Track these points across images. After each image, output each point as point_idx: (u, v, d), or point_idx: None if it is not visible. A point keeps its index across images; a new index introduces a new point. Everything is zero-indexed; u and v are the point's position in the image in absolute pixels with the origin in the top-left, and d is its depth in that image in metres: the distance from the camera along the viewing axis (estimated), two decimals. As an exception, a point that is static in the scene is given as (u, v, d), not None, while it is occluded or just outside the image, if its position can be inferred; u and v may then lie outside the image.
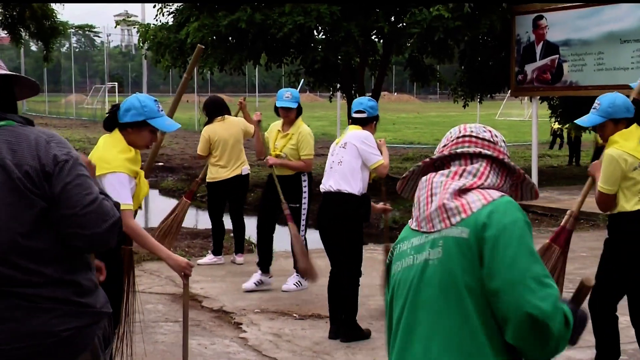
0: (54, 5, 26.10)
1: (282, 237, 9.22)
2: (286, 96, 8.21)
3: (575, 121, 6.20)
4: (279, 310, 7.59)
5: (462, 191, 2.56)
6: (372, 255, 9.07)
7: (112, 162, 4.77)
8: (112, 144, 4.89)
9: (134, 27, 22.08)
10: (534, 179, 15.50)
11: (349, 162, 6.66)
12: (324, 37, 16.40)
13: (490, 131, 2.75)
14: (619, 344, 5.52)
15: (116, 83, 66.91)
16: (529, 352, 2.42)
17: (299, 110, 8.35)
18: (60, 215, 2.87)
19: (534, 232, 12.48)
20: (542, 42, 15.06)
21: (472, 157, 2.65)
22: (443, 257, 2.49)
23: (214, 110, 9.61)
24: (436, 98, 79.55)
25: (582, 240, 10.69)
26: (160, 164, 23.86)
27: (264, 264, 8.42)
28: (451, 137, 2.74)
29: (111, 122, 4.95)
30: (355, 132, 6.79)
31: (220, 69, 17.74)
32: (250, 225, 9.75)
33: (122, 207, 3.49)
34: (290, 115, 8.29)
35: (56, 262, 2.89)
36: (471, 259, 2.45)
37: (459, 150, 2.66)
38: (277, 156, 8.28)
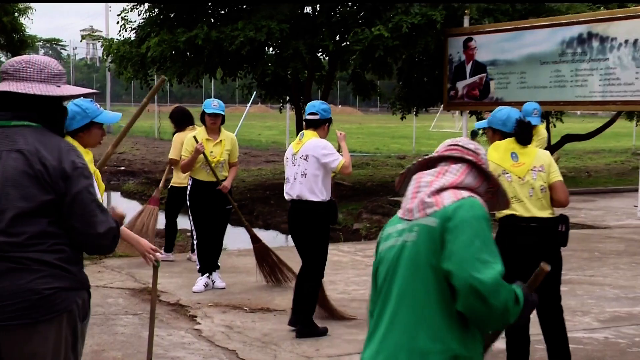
0: (23, 20, 25.82)
1: (233, 237, 9.22)
2: (214, 105, 8.19)
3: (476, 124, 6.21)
4: (230, 304, 7.59)
5: (440, 190, 2.81)
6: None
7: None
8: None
9: (99, 42, 21.87)
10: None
11: (313, 173, 6.62)
12: (274, 53, 16.42)
13: (474, 144, 3.00)
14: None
15: (81, 93, 66.06)
16: (476, 321, 2.68)
17: (223, 118, 8.35)
18: (70, 220, 3.24)
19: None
20: (471, 61, 15.27)
21: (456, 160, 2.91)
22: (416, 240, 2.77)
23: (184, 119, 9.68)
24: (377, 110, 79.87)
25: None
26: (122, 168, 23.68)
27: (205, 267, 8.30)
28: (443, 146, 3.00)
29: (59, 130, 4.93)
30: (313, 143, 6.68)
31: (179, 81, 17.69)
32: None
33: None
34: (217, 122, 8.22)
35: (49, 235, 3.20)
36: (435, 243, 2.72)
37: (446, 154, 2.94)
38: (216, 163, 8.13)
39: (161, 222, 10.23)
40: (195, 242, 8.43)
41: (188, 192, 8.33)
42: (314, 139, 6.72)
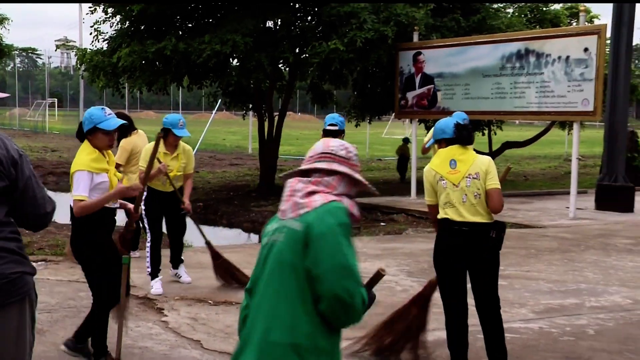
0: (0, 30, 25.47)
1: (199, 235, 9.15)
2: (181, 124, 7.69)
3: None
4: (196, 298, 7.56)
5: (311, 193, 2.87)
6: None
7: (79, 162, 5.32)
8: (81, 150, 5.45)
9: (73, 51, 21.65)
10: (414, 188, 15.82)
11: None
12: (238, 64, 16.40)
13: (346, 148, 3.04)
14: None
15: (56, 99, 65.28)
16: (334, 320, 2.78)
17: None
18: (23, 206, 3.31)
19: (412, 232, 12.70)
20: (420, 74, 15.39)
21: (328, 172, 2.94)
22: (283, 241, 2.84)
23: (129, 125, 9.05)
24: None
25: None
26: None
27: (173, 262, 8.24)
28: (316, 151, 3.02)
29: (80, 134, 5.52)
30: None
31: (148, 89, 17.57)
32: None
33: (74, 197, 5.19)
34: (179, 140, 7.86)
35: (6, 224, 3.26)
36: (298, 245, 2.79)
37: (318, 165, 2.94)
38: (174, 176, 7.78)
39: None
40: (148, 245, 8.01)
41: (144, 199, 7.81)
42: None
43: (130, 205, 5.59)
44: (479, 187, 5.16)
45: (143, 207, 7.86)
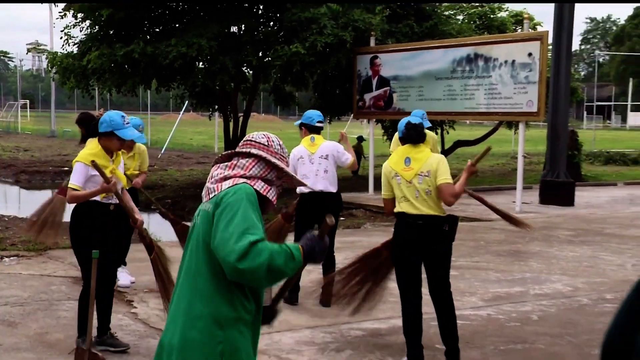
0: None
1: (168, 230, 9.09)
2: (140, 130, 7.04)
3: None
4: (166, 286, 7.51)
5: (224, 179, 2.92)
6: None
7: (81, 155, 5.46)
8: (87, 144, 5.61)
9: (44, 54, 21.33)
10: (371, 184, 15.88)
11: (332, 170, 7.12)
12: (204, 67, 16.31)
13: (268, 138, 3.09)
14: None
15: (28, 100, 64.17)
16: (248, 283, 2.80)
17: None
18: None
19: (370, 226, 12.75)
20: (377, 76, 15.45)
21: (246, 155, 3.00)
22: (199, 222, 2.91)
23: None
24: (295, 118, 79.21)
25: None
26: (66, 168, 23.11)
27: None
28: (242, 141, 3.10)
29: (93, 131, 5.63)
30: (330, 145, 7.19)
31: (117, 91, 17.42)
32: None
33: (69, 185, 5.39)
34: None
35: None
36: (209, 225, 2.83)
37: (238, 150, 3.03)
38: (131, 174, 7.46)
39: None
40: None
41: None
42: (327, 142, 7.25)
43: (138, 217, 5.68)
44: (429, 184, 5.21)
45: None
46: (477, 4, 21.13)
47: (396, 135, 7.71)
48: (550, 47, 13.64)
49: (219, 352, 2.78)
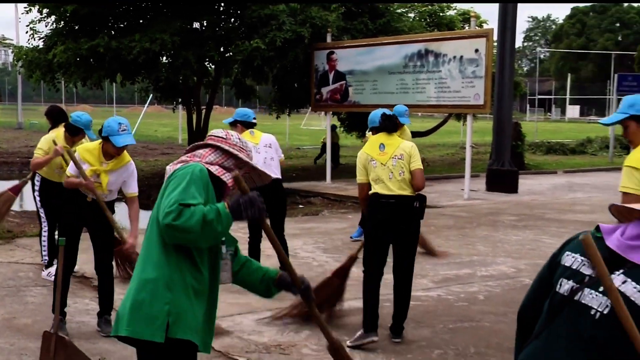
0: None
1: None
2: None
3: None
4: (129, 276, 7.41)
5: (180, 162, 3.01)
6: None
7: (79, 149, 5.71)
8: (90, 143, 5.82)
9: (10, 48, 20.87)
10: (328, 173, 15.89)
11: (276, 158, 7.17)
12: (167, 62, 16.14)
13: (227, 133, 3.15)
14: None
15: (-5, 93, 62.79)
16: (187, 243, 2.82)
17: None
18: None
19: (327, 213, 12.71)
20: (333, 71, 15.44)
21: (204, 146, 3.09)
22: (158, 199, 2.92)
23: (60, 117, 7.98)
24: (256, 111, 78.64)
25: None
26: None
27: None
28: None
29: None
30: (270, 136, 7.26)
31: (83, 84, 17.12)
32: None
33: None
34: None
35: None
36: (160, 198, 2.88)
37: (200, 143, 3.12)
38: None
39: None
40: (45, 235, 7.34)
41: (38, 189, 7.27)
42: (265, 134, 7.25)
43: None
44: (402, 166, 5.45)
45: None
46: (427, 3, 21.24)
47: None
48: (495, 43, 13.77)
49: (165, 311, 2.81)
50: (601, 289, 2.13)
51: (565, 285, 2.23)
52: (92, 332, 5.69)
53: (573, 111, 68.99)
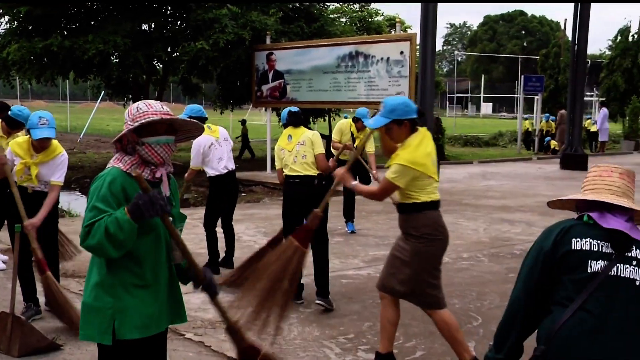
0: None
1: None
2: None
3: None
4: (87, 260, 7.22)
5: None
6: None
7: (11, 143, 5.42)
8: (20, 137, 5.50)
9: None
10: (268, 164, 15.80)
11: (231, 151, 7.06)
12: (118, 61, 15.75)
13: (128, 111, 2.78)
14: None
15: (-49, 90, 60.03)
16: (104, 257, 2.68)
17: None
18: None
19: (268, 200, 12.63)
20: (272, 70, 15.33)
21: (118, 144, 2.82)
22: None
23: (2, 108, 7.44)
24: (202, 106, 78.31)
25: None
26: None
27: None
28: None
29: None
30: (224, 130, 7.10)
31: (37, 81, 16.57)
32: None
33: None
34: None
35: None
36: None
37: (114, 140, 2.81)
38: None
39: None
40: None
41: None
42: (220, 128, 7.14)
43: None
44: (305, 151, 5.84)
45: None
46: (358, 9, 21.32)
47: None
48: (418, 47, 13.90)
49: (109, 316, 2.69)
50: (634, 263, 2.35)
51: (596, 265, 2.35)
52: (48, 313, 5.51)
53: (486, 108, 70.53)
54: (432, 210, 4.16)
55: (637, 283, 2.33)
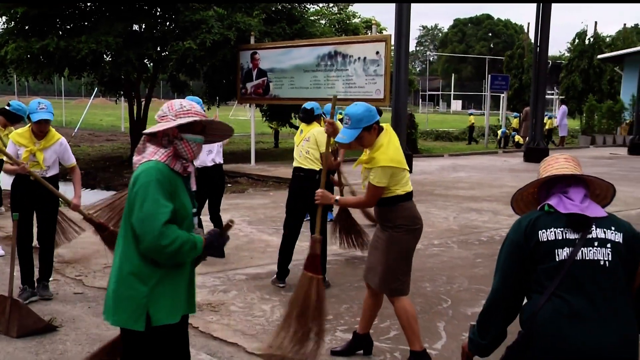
0: None
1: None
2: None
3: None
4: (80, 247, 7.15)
5: (142, 157, 2.73)
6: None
7: (12, 135, 5.41)
8: (21, 128, 5.45)
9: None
10: (253, 157, 15.78)
11: (219, 145, 6.86)
12: (111, 59, 15.57)
13: (169, 106, 2.77)
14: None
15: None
16: (156, 258, 2.64)
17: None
18: None
19: (252, 191, 12.60)
20: (256, 68, 15.26)
21: (149, 140, 2.78)
22: (127, 195, 2.71)
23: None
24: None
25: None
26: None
27: None
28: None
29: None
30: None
31: (34, 79, 16.32)
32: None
33: None
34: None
35: None
36: (129, 201, 2.66)
37: (146, 132, 2.78)
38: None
39: None
40: None
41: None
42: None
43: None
44: (309, 147, 5.84)
45: None
46: (337, 12, 21.27)
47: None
48: (392, 47, 13.91)
49: (143, 304, 2.67)
50: (596, 243, 2.37)
51: (563, 253, 2.37)
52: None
53: (456, 105, 70.93)
54: (406, 201, 4.11)
55: (602, 263, 2.35)
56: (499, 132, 24.79)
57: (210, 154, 6.77)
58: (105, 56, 15.62)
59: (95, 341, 4.51)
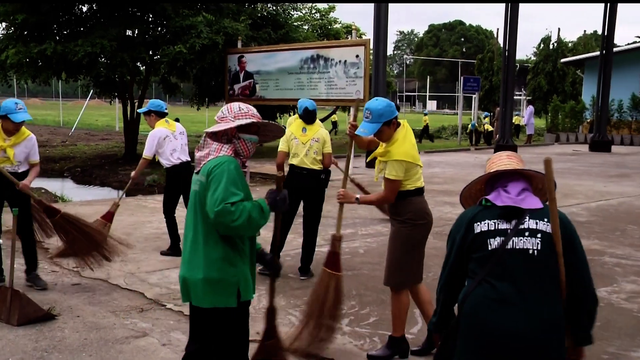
0: None
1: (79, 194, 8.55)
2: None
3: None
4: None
5: (208, 154, 2.85)
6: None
7: None
8: None
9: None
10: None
11: (186, 143, 6.66)
12: (106, 62, 15.44)
13: (228, 108, 2.89)
14: None
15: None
16: (233, 234, 2.77)
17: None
18: None
19: (253, 185, 12.55)
20: (243, 71, 15.21)
21: (212, 134, 2.89)
22: (198, 189, 2.83)
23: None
24: (181, 104, 76.96)
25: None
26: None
27: None
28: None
29: None
30: (180, 125, 6.81)
31: (33, 81, 16.17)
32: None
33: None
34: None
35: None
36: (204, 191, 2.77)
37: (208, 130, 2.89)
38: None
39: None
40: None
41: None
42: (177, 123, 6.88)
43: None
44: (317, 147, 5.84)
45: None
46: (319, 18, 21.25)
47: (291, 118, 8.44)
48: (371, 51, 13.94)
49: (234, 283, 2.82)
50: (527, 234, 2.34)
51: (494, 242, 2.37)
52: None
53: (431, 105, 71.22)
54: (417, 196, 3.98)
55: (531, 252, 2.33)
56: (469, 125, 25.06)
57: (175, 153, 6.53)
58: (100, 59, 15.51)
59: (92, 329, 4.50)
